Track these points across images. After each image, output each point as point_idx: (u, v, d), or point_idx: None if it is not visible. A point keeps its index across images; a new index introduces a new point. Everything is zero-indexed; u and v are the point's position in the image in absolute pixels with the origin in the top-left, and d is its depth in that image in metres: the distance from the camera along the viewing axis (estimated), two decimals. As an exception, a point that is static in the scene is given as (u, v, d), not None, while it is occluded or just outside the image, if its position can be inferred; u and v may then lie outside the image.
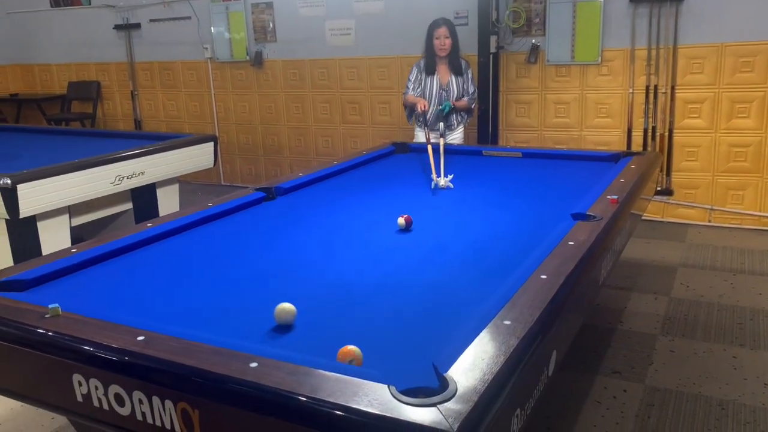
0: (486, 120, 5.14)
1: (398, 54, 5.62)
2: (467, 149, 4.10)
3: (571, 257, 2.01)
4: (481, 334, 1.52)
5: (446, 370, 1.36)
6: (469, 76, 4.43)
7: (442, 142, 3.82)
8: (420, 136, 4.44)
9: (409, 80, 4.48)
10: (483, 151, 3.95)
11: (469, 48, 5.22)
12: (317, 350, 1.52)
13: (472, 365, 1.38)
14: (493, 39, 5.08)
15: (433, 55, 4.33)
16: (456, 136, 4.52)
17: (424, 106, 4.28)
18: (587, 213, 2.47)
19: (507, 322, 1.57)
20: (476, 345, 1.47)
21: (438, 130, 4.28)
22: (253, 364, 1.39)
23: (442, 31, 4.27)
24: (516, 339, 1.49)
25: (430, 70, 4.36)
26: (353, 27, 5.74)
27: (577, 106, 5.15)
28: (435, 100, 4.37)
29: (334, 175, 3.51)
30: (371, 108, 5.87)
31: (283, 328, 1.69)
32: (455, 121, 4.50)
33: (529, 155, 3.81)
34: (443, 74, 4.37)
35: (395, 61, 5.66)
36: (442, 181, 3.14)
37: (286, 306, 1.71)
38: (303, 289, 1.97)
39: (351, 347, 1.48)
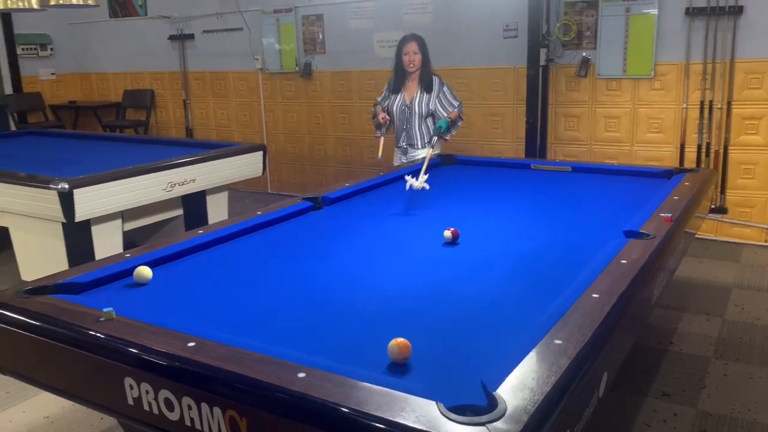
0: (534, 133, 5.09)
1: (445, 66, 5.60)
2: (515, 162, 4.06)
3: (624, 276, 1.96)
4: (530, 352, 1.49)
5: (495, 389, 1.34)
6: (446, 91, 4.18)
7: (429, 151, 3.80)
8: (394, 157, 4.36)
9: (381, 95, 4.36)
10: (531, 165, 3.90)
11: (518, 60, 5.20)
12: (363, 362, 1.52)
13: (522, 384, 1.35)
14: (542, 52, 5.04)
15: (402, 71, 4.15)
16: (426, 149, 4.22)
17: (384, 119, 4.17)
18: (640, 231, 2.41)
19: (558, 342, 1.54)
20: (526, 364, 1.44)
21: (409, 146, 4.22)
22: (301, 375, 1.39)
23: (411, 46, 4.09)
24: (567, 359, 1.46)
25: (396, 87, 4.21)
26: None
27: (628, 120, 5.05)
28: (398, 116, 4.20)
29: (380, 186, 3.52)
30: (418, 119, 5.87)
31: (329, 341, 1.69)
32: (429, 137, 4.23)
33: (579, 170, 3.75)
34: (410, 91, 4.17)
35: (443, 72, 5.62)
36: (417, 182, 3.06)
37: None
38: (349, 300, 1.97)
39: (401, 341, 1.50)
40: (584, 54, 5.08)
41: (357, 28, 5.98)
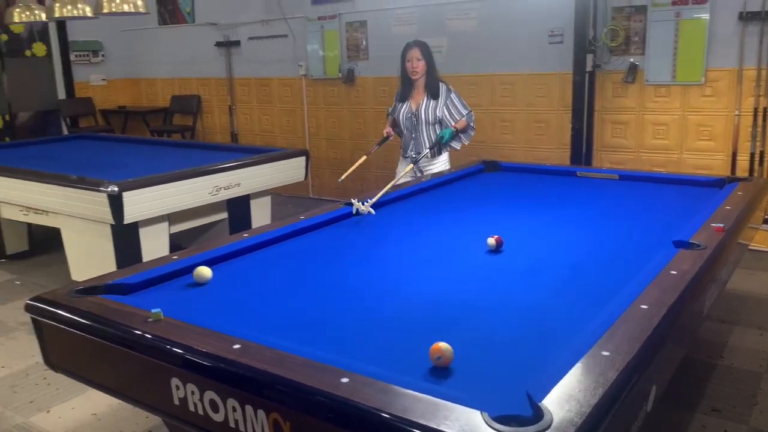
0: (580, 140, 5.01)
1: (490, 72, 5.58)
2: (561, 169, 4.00)
3: (674, 287, 1.90)
4: (577, 363, 1.46)
5: (540, 399, 1.32)
6: (455, 98, 4.07)
7: (408, 167, 3.76)
8: (398, 165, 4.30)
9: (393, 107, 4.30)
10: (577, 172, 3.84)
11: (564, 66, 5.13)
12: (406, 369, 1.51)
13: (568, 396, 1.33)
14: (589, 57, 4.96)
15: (407, 79, 4.07)
16: (439, 163, 4.16)
17: (388, 133, 4.16)
18: (690, 241, 2.34)
19: (605, 353, 1.50)
20: (572, 375, 1.42)
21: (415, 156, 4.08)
22: (345, 380, 1.39)
23: (414, 53, 4.00)
24: (615, 371, 1.42)
25: (403, 96, 4.15)
26: (445, 44, 5.75)
27: (677, 127, 4.93)
28: (404, 125, 4.14)
29: (421, 192, 3.51)
30: (460, 126, 5.84)
31: (372, 347, 1.69)
32: (438, 149, 4.12)
33: (627, 177, 3.67)
34: (416, 99, 4.09)
35: (486, 78, 5.62)
36: (363, 207, 2.95)
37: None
38: (392, 307, 1.96)
39: (442, 345, 1.50)
40: (632, 60, 4.99)
41: (400, 34, 5.99)
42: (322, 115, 6.75)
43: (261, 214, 4.63)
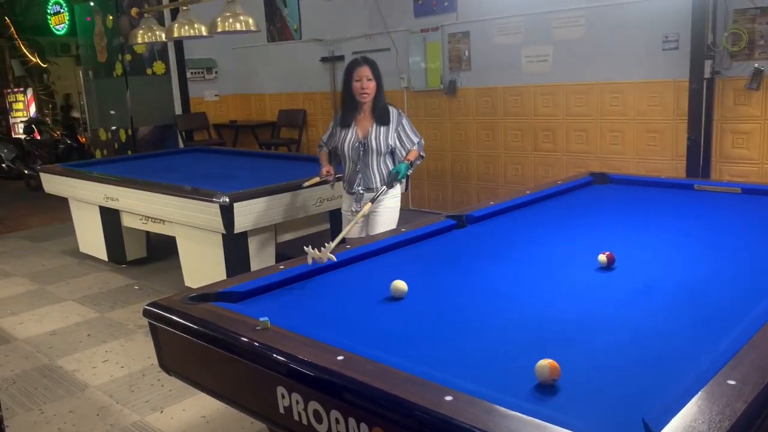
0: (697, 151, 4.72)
1: (599, 80, 5.38)
2: (676, 182, 3.77)
3: (810, 312, 1.74)
4: (699, 392, 1.36)
5: (659, 429, 1.23)
6: (406, 124, 3.55)
7: (366, 208, 3.30)
8: (342, 203, 3.71)
9: (325, 132, 3.72)
10: (695, 186, 3.61)
11: (679, 73, 4.86)
12: (511, 389, 1.46)
13: (690, 427, 1.24)
14: (707, 64, 4.67)
15: (352, 101, 3.48)
16: (391, 203, 3.55)
17: (328, 173, 3.57)
18: (828, 261, 2.13)
19: (731, 382, 1.39)
20: (694, 405, 1.32)
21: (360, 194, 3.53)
22: (448, 398, 1.36)
23: (364, 71, 3.42)
24: (743, 403, 1.31)
25: (346, 121, 3.51)
26: (551, 53, 5.61)
27: (809, 136, 4.54)
28: (350, 156, 3.51)
29: (526, 204, 3.42)
30: (566, 136, 5.67)
31: (477, 364, 1.65)
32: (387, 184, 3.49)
33: (750, 191, 3.40)
34: (362, 125, 3.49)
35: (595, 87, 5.42)
36: (320, 254, 2.38)
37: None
38: (497, 323, 1.91)
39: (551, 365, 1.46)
40: (756, 65, 4.65)
41: (504, 43, 5.90)
42: (423, 127, 6.76)
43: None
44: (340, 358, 1.57)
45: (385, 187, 3.46)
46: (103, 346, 3.78)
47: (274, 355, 1.64)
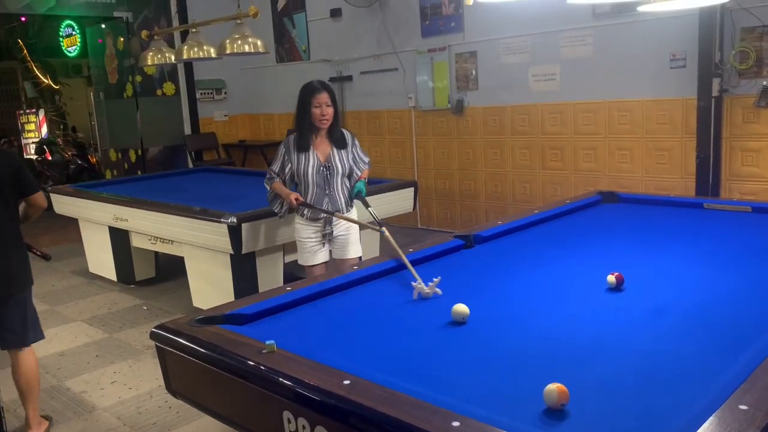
0: (706, 169, 4.70)
1: (606, 99, 5.38)
2: (685, 201, 3.75)
3: (824, 335, 1.71)
4: (711, 417, 1.34)
5: (670, 456, 1.21)
6: (358, 147, 3.59)
7: (387, 234, 3.07)
8: (302, 230, 3.51)
9: (275, 162, 3.59)
10: (704, 204, 3.58)
11: (687, 92, 4.86)
12: (521, 416, 1.45)
13: (702, 454, 1.21)
14: (715, 82, 4.67)
15: (310, 126, 3.43)
16: (352, 216, 3.56)
17: (297, 199, 3.40)
18: (841, 282, 2.11)
19: (743, 407, 1.37)
20: (706, 429, 1.30)
21: (322, 217, 3.45)
22: (456, 423, 1.35)
23: (323, 97, 3.38)
24: (756, 429, 1.29)
25: (303, 146, 3.45)
26: (558, 72, 5.62)
27: (819, 154, 4.51)
28: (314, 181, 3.43)
29: (535, 224, 3.40)
30: (574, 154, 5.66)
31: (484, 388, 1.64)
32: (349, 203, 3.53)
33: (761, 210, 3.38)
34: (321, 149, 3.46)
35: (603, 105, 5.42)
36: (427, 288, 2.35)
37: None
38: (505, 347, 1.90)
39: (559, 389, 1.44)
40: (765, 83, 4.63)
41: (511, 62, 5.92)
42: (430, 146, 6.78)
43: (370, 246, 4.67)
44: (346, 382, 1.55)
45: (351, 209, 3.54)
46: (111, 367, 3.78)
47: (280, 379, 1.63)
